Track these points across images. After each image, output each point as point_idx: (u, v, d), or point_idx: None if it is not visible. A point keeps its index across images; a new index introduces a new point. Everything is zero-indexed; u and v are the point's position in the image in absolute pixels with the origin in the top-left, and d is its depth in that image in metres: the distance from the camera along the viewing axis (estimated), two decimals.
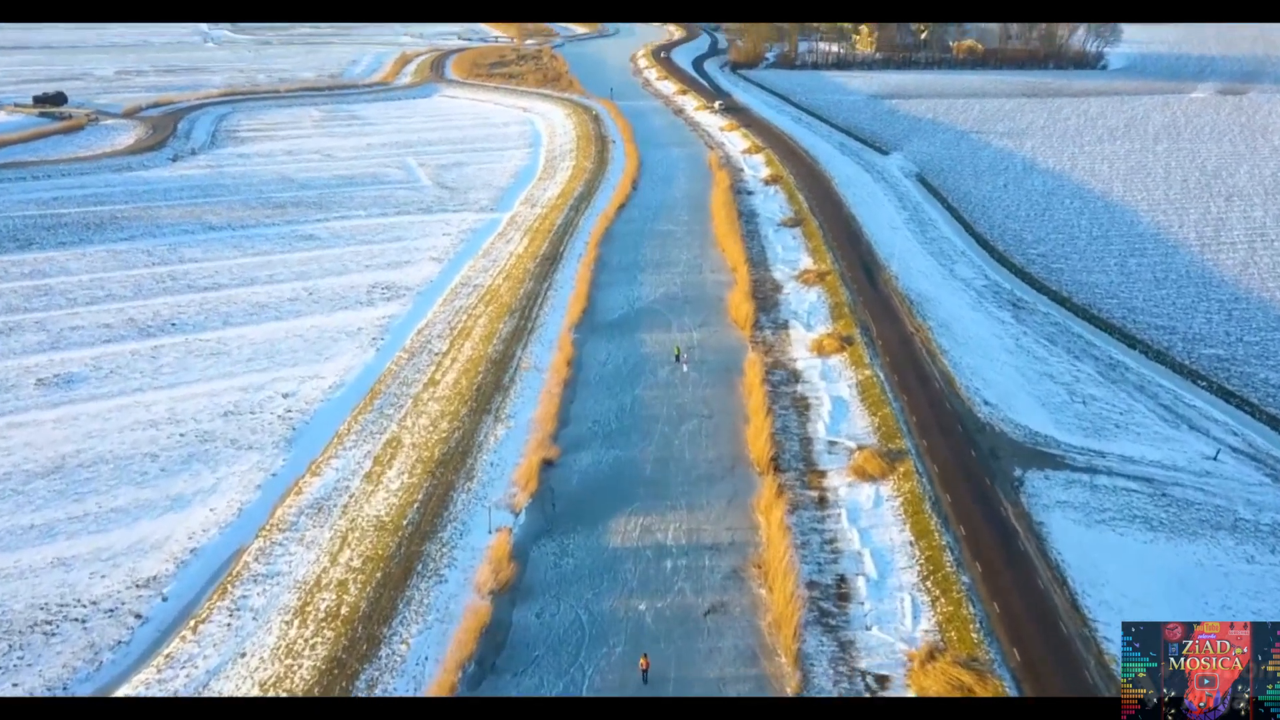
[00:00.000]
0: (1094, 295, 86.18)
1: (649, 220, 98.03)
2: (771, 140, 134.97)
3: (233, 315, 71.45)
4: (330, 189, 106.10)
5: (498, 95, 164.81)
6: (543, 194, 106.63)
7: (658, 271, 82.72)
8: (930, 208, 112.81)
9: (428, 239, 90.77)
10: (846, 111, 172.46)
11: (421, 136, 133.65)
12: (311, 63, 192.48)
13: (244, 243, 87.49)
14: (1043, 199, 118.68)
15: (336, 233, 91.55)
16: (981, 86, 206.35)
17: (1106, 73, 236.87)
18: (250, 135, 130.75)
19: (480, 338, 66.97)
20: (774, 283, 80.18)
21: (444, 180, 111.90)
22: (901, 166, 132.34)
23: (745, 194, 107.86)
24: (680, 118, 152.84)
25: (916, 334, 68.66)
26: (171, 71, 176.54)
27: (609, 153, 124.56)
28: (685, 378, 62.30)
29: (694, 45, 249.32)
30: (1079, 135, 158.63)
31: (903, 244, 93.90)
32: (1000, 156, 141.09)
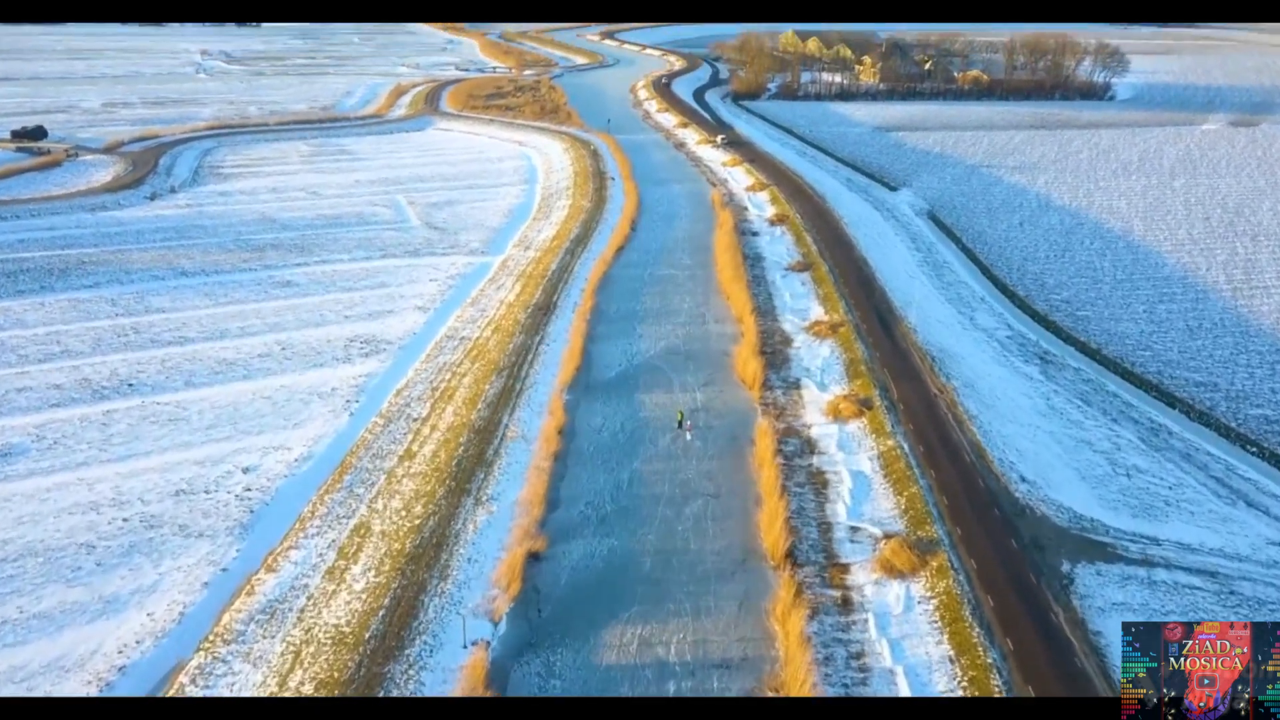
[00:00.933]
0: (1125, 347, 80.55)
1: (649, 264, 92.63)
2: (776, 176, 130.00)
3: (196, 374, 65.76)
4: (313, 230, 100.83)
5: (493, 128, 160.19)
6: (537, 235, 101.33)
7: (658, 322, 77.14)
8: (944, 249, 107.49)
9: (413, 285, 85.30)
10: (852, 145, 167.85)
11: (413, 172, 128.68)
12: (304, 94, 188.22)
13: (216, 290, 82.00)
14: (1061, 238, 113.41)
15: (316, 279, 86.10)
16: (989, 118, 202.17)
17: (1114, 103, 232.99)
18: (234, 171, 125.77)
19: (464, 401, 61.24)
20: (783, 335, 74.57)
21: (434, 220, 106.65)
22: (912, 204, 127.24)
23: (750, 235, 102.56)
24: (681, 152, 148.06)
25: (941, 396, 62.92)
26: (160, 103, 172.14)
27: (607, 190, 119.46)
28: (689, 447, 56.52)
29: (695, 76, 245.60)
30: (1093, 169, 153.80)
31: (919, 290, 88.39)
32: (1013, 192, 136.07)
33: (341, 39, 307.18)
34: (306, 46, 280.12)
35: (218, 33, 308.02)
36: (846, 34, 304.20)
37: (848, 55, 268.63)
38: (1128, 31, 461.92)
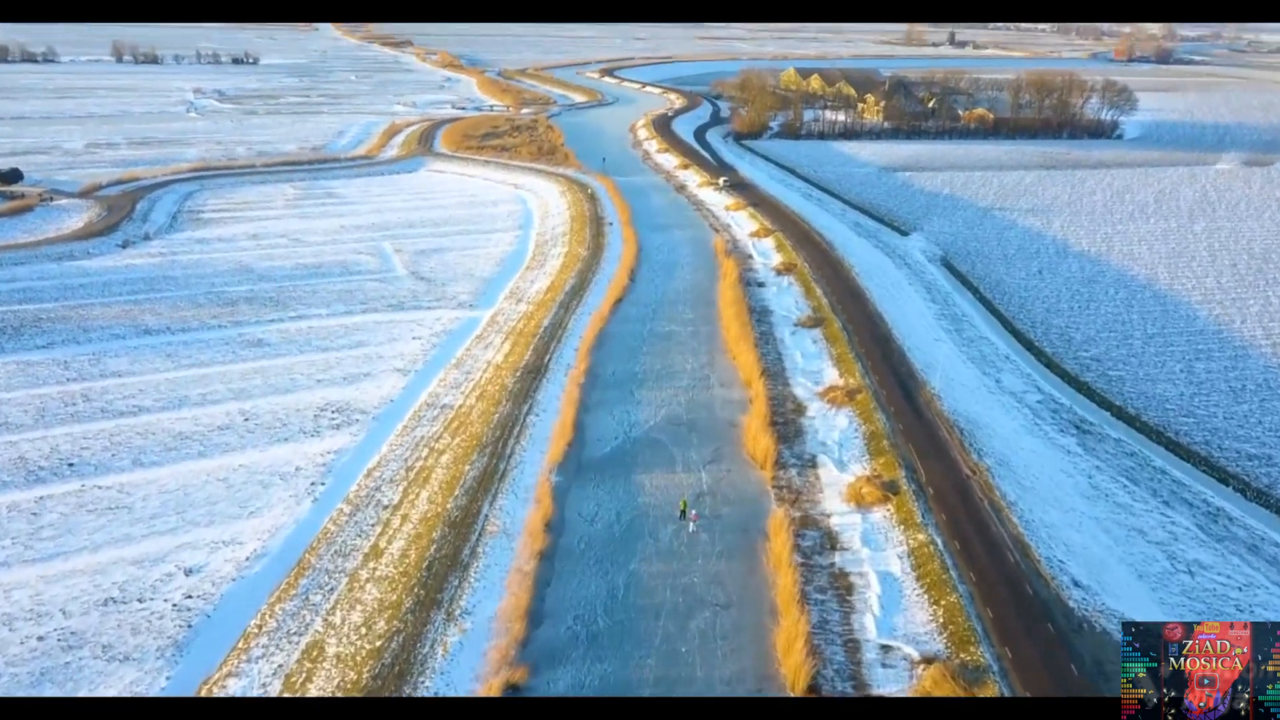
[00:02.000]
0: (1166, 412, 74.17)
1: (648, 319, 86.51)
2: (781, 221, 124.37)
3: (147, 451, 59.29)
4: (292, 281, 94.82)
5: (488, 170, 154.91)
6: (530, 286, 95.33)
7: (658, 386, 70.80)
8: (961, 299, 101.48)
9: (395, 344, 79.09)
10: (858, 186, 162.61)
11: (401, 217, 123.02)
12: (295, 134, 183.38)
13: (180, 351, 75.75)
14: (1083, 288, 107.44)
15: (290, 337, 79.89)
16: (996, 157, 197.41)
17: (1123, 142, 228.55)
18: (215, 216, 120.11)
19: (441, 484, 54.73)
20: (795, 402, 68.19)
21: (421, 269, 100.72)
22: (924, 250, 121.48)
23: (756, 286, 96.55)
24: (682, 195, 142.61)
25: (974, 477, 56.41)
26: (145, 144, 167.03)
27: (605, 237, 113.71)
28: (694, 542, 49.91)
29: (695, 114, 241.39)
30: (1108, 212, 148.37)
31: (939, 349, 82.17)
32: (1029, 237, 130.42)
33: (338, 76, 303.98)
34: (302, 84, 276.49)
35: (214, 70, 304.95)
36: (848, 71, 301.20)
37: (850, 93, 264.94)
38: (1127, 69, 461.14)
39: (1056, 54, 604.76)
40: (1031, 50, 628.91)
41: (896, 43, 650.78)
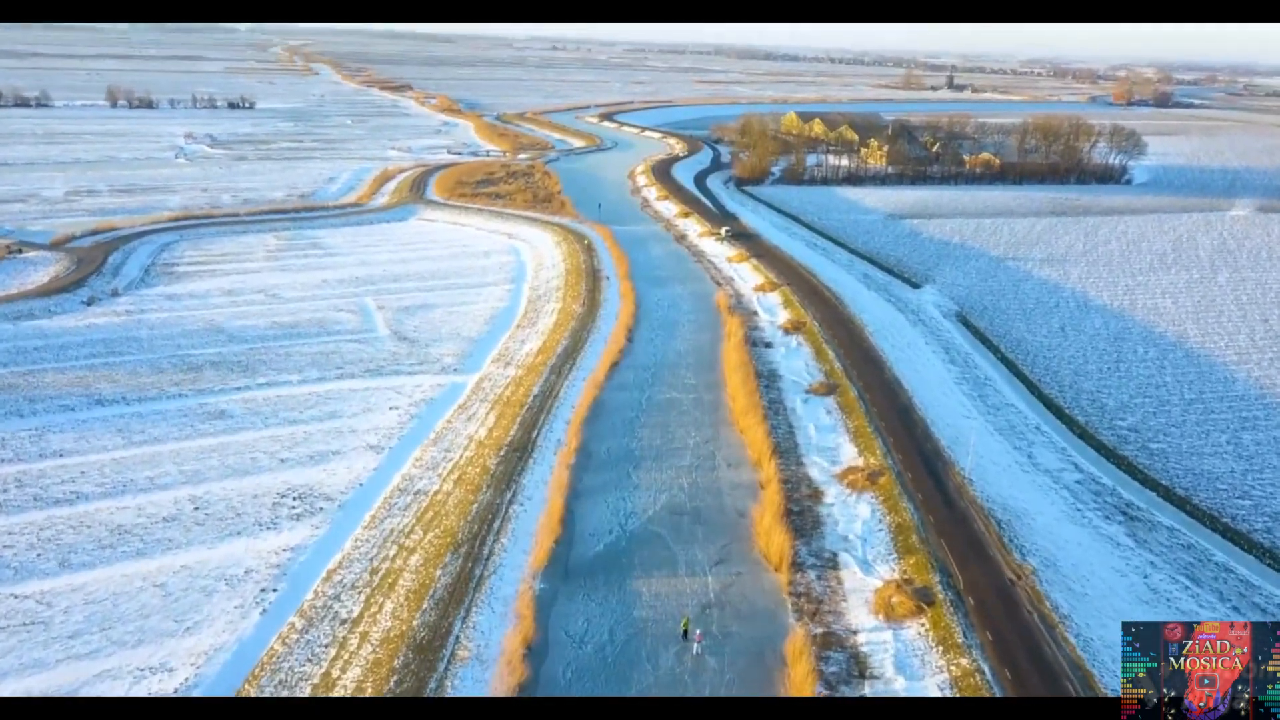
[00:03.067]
0: (1217, 493, 67.24)
1: (647, 385, 79.83)
2: (787, 273, 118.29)
3: (78, 549, 52.27)
4: (264, 342, 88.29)
5: (481, 219, 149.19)
6: (520, 348, 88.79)
7: (658, 467, 63.91)
8: (982, 360, 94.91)
9: (370, 416, 72.31)
10: (864, 234, 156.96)
11: (387, 270, 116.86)
12: (284, 180, 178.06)
13: (133, 425, 68.93)
14: (1110, 346, 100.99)
15: (256, 407, 73.12)
16: (1005, 204, 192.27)
17: (1132, 187, 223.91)
18: (190, 270, 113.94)
19: (408, 593, 47.65)
20: (811, 486, 61.29)
21: (404, 328, 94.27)
22: (938, 304, 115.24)
23: (762, 346, 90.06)
24: (683, 245, 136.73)
25: (1019, 583, 49.34)
26: (128, 191, 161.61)
27: (601, 292, 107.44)
28: (700, 668, 42.77)
29: (696, 160, 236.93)
30: (1126, 262, 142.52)
31: (964, 419, 75.46)
32: (1046, 290, 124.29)
33: (334, 121, 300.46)
34: (296, 129, 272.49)
35: (209, 115, 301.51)
36: (849, 115, 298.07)
37: (852, 137, 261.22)
38: (1127, 112, 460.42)
39: (1056, 97, 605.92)
40: (1030, 94, 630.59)
41: (895, 87, 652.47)
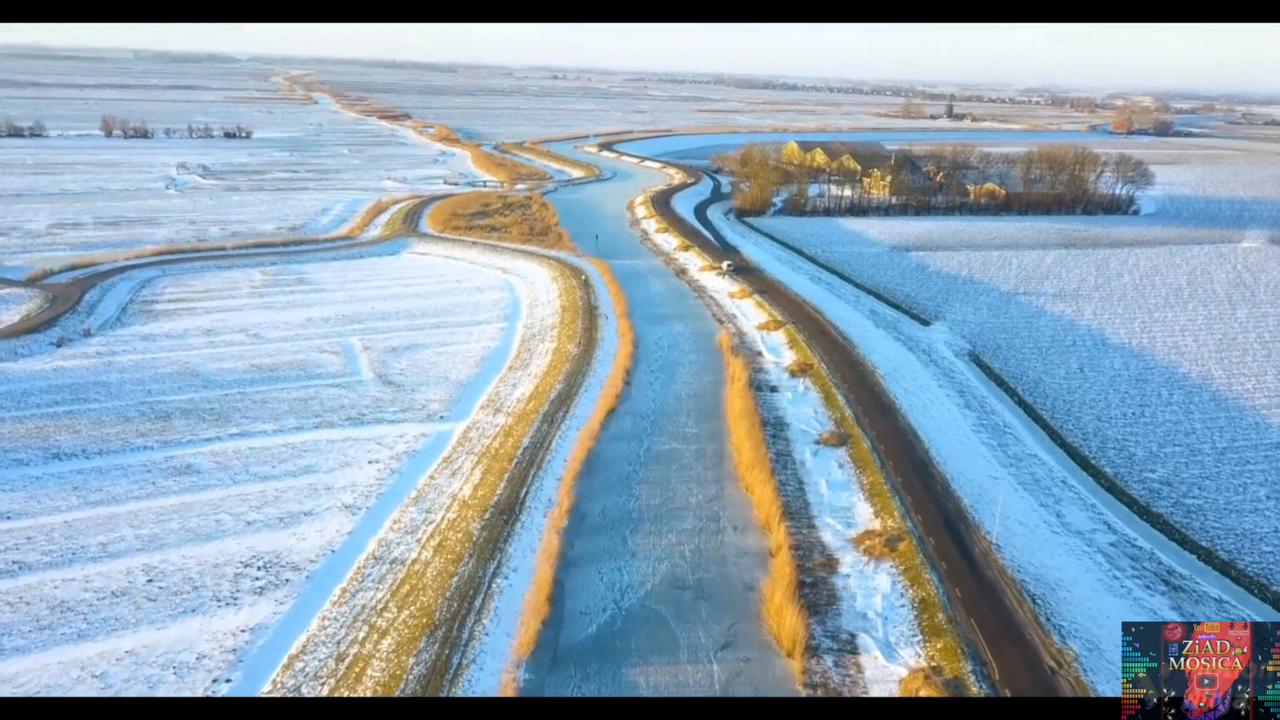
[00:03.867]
0: (1263, 556, 62.12)
1: (646, 434, 74.83)
2: (791, 310, 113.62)
3: (12, 630, 47.10)
4: (240, 388, 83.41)
5: (475, 252, 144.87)
6: (511, 393, 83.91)
7: (657, 531, 58.78)
8: (1000, 404, 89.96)
9: (347, 471, 67.27)
10: (870, 267, 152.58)
11: (375, 307, 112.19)
12: (275, 212, 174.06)
13: (91, 482, 63.90)
14: (1132, 388, 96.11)
15: (225, 461, 68.10)
16: (1012, 235, 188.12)
17: (1140, 218, 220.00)
18: (170, 308, 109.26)
19: (375, 687, 42.36)
20: (825, 553, 56.15)
21: (389, 371, 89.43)
22: (949, 342, 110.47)
23: (768, 390, 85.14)
24: (683, 280, 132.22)
25: (1060, 672, 44.09)
26: (114, 224, 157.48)
27: (598, 330, 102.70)
28: None
29: (696, 190, 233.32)
30: (1141, 297, 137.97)
31: (985, 474, 70.39)
32: (1061, 327, 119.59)
33: (330, 151, 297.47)
34: (292, 159, 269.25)
35: (204, 144, 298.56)
36: (851, 145, 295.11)
37: (854, 167, 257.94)
38: (1129, 141, 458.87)
39: (1055, 126, 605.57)
40: (1029, 123, 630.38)
41: (895, 115, 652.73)
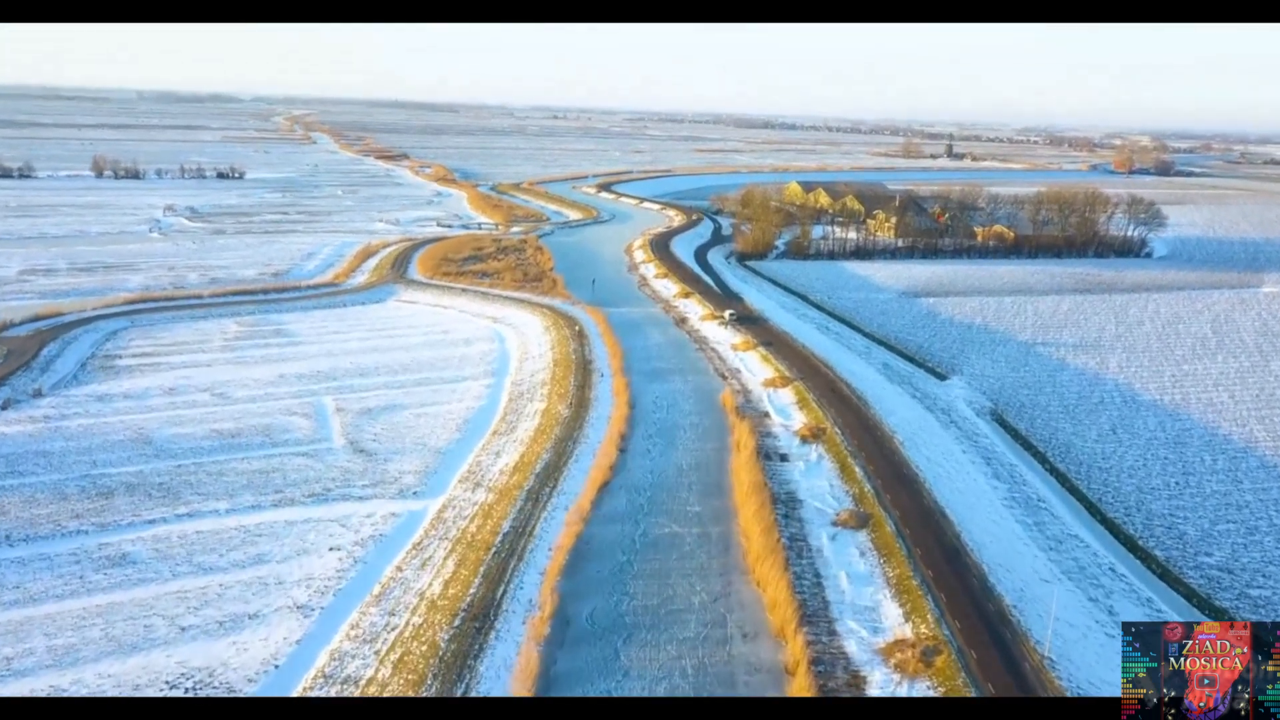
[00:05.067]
0: None
1: (642, 514, 67.02)
2: (799, 364, 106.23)
3: None
4: (196, 458, 75.79)
5: (465, 300, 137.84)
6: (494, 463, 76.22)
7: (655, 641, 50.81)
8: (1030, 473, 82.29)
9: (304, 560, 59.43)
10: (879, 315, 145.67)
11: (355, 362, 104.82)
12: (259, 257, 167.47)
13: (9, 576, 55.96)
14: (1172, 453, 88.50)
15: (167, 549, 60.27)
16: (1024, 280, 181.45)
17: (1153, 261, 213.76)
18: (133, 363, 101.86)
19: None
20: (849, 667, 48.20)
21: (363, 437, 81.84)
22: (969, 400, 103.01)
23: (778, 460, 77.50)
24: (683, 330, 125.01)
25: None
26: (88, 270, 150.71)
27: (592, 389, 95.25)
28: None
29: (696, 232, 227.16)
30: (1166, 347, 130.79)
31: (1028, 567, 62.50)
32: (1086, 381, 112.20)
33: (324, 191, 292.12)
34: (283, 200, 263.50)
35: (195, 185, 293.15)
36: (854, 185, 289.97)
37: (857, 208, 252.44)
38: (1131, 181, 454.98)
39: (1056, 166, 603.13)
40: (1030, 162, 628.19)
41: (895, 155, 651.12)
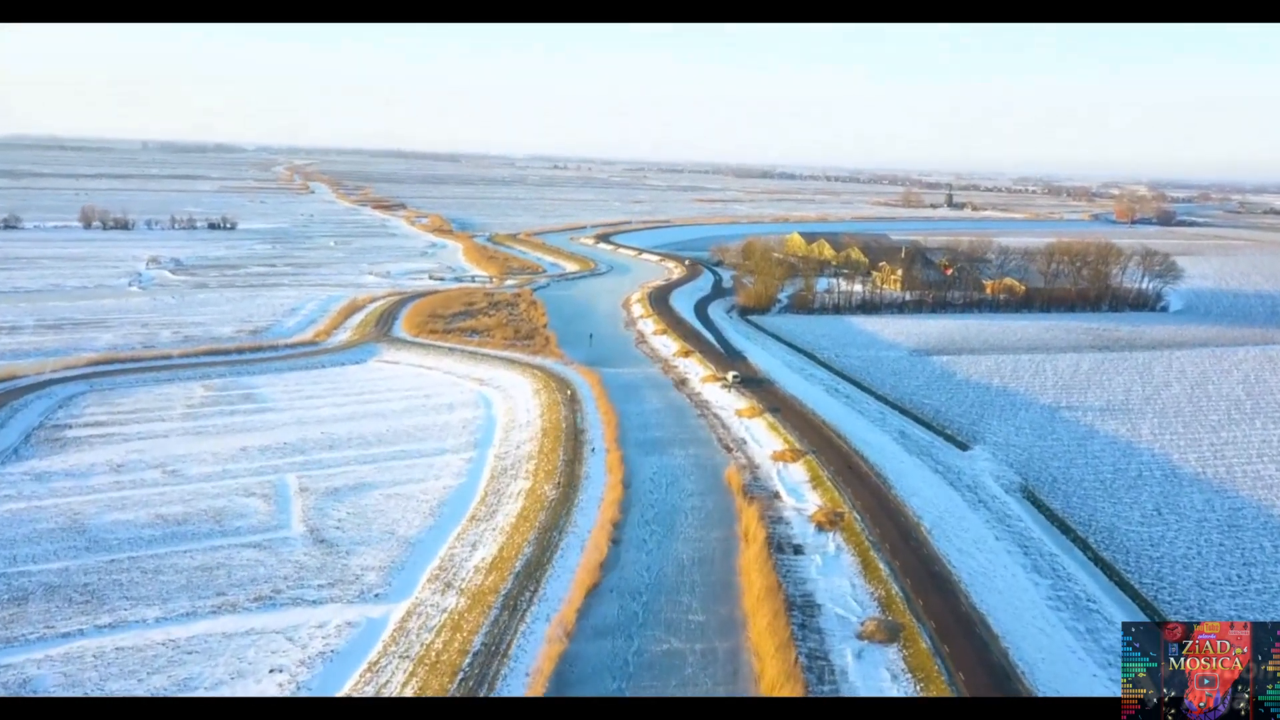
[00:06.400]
0: None
1: (637, 626, 57.87)
2: (810, 433, 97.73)
3: None
4: (134, 550, 66.95)
5: (451, 360, 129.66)
6: (468, 558, 67.33)
7: None
8: (1074, 565, 73.38)
9: (238, 685, 50.27)
10: (890, 375, 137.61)
11: (326, 432, 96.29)
12: (239, 312, 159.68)
13: None
14: (1226, 538, 79.71)
15: (77, 673, 51.12)
16: (1038, 336, 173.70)
17: (1170, 315, 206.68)
18: (84, 434, 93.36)
19: None
20: None
21: (325, 524, 73.07)
22: (996, 474, 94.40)
23: (791, 552, 68.61)
24: (683, 393, 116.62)
25: None
26: (56, 328, 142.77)
27: (582, 464, 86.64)
28: None
29: (696, 285, 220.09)
30: (1199, 411, 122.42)
31: (1079, 680, 53.49)
32: (1119, 451, 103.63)
33: (316, 242, 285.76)
34: (273, 252, 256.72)
35: (185, 236, 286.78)
36: (858, 236, 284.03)
37: (860, 259, 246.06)
38: (1134, 231, 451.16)
39: (1057, 215, 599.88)
40: (1030, 212, 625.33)
41: (895, 204, 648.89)
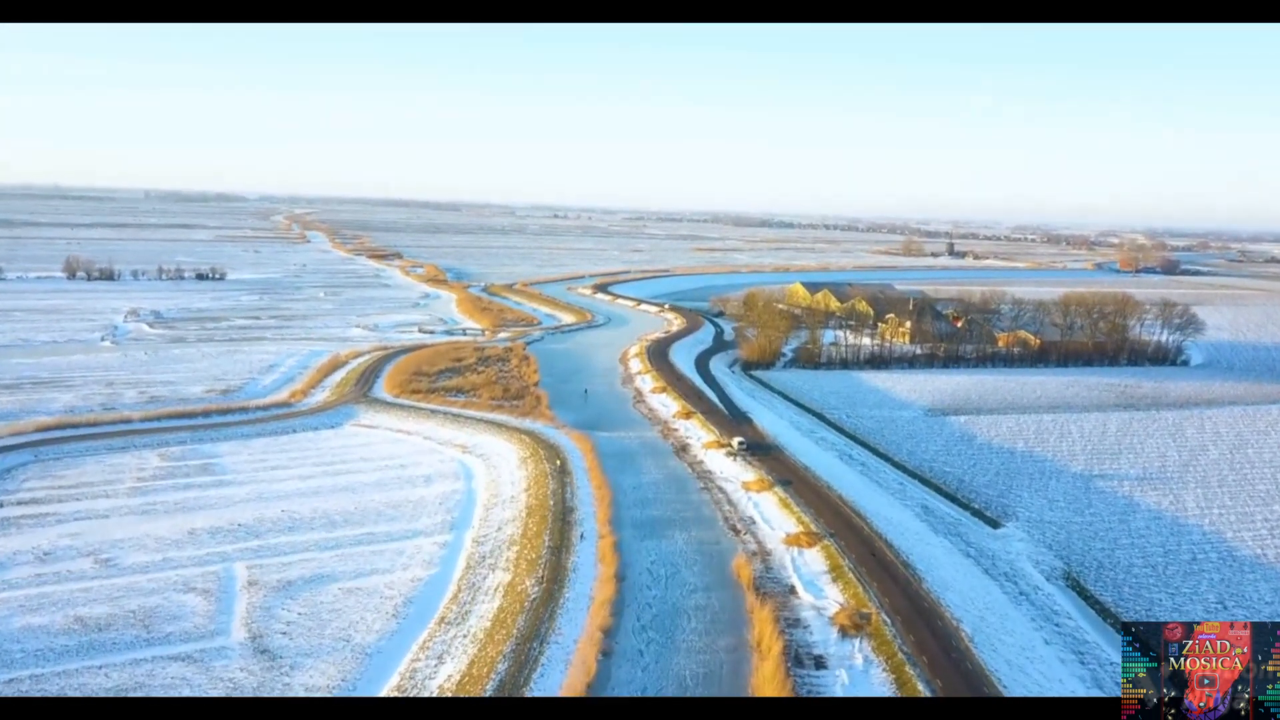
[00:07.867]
0: None
1: None
2: (826, 511, 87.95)
3: None
4: (40, 665, 56.91)
5: (432, 424, 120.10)
6: (433, 673, 57.17)
7: None
8: None
9: None
10: (907, 439, 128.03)
11: (286, 510, 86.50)
12: (213, 370, 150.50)
13: None
14: None
15: None
16: (1059, 393, 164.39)
17: (1192, 370, 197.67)
18: (14, 514, 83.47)
19: None
20: None
21: (271, 628, 63.01)
22: (1034, 557, 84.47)
23: (811, 666, 58.49)
24: (684, 461, 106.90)
25: None
26: (13, 388, 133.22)
27: (570, 553, 76.63)
28: None
29: (696, 338, 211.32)
30: (1244, 480, 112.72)
31: None
32: (1165, 529, 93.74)
33: (306, 293, 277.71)
34: (259, 303, 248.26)
35: (170, 288, 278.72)
36: (862, 287, 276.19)
37: (865, 310, 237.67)
38: (1139, 280, 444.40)
39: (1060, 265, 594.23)
40: (1032, 261, 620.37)
41: (895, 253, 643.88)
